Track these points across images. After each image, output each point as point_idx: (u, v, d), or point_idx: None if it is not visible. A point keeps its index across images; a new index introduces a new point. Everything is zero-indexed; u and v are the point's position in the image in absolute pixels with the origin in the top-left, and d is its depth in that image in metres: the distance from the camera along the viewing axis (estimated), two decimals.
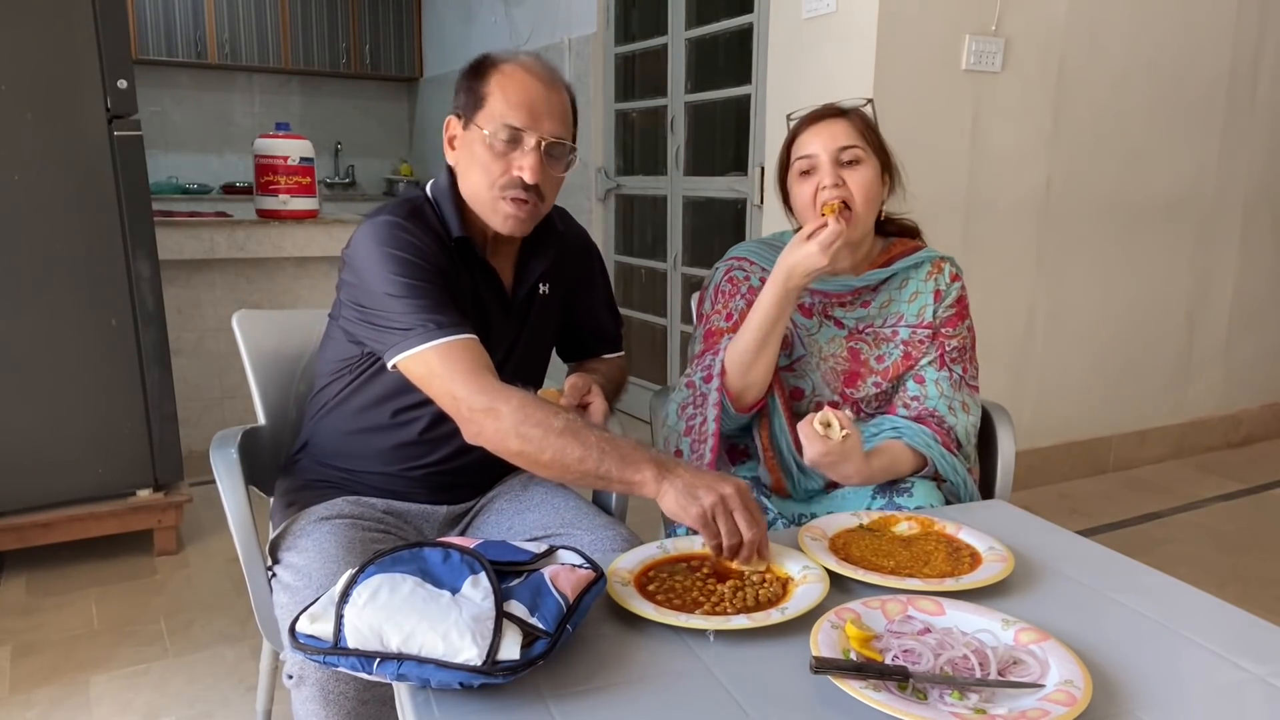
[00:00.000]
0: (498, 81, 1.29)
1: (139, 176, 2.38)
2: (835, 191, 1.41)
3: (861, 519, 1.22)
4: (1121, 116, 3.07)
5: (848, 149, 1.42)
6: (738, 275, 1.52)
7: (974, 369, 1.52)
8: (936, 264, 1.51)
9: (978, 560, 1.11)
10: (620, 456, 1.09)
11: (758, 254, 1.54)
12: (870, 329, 1.50)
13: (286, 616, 1.22)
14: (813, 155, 1.43)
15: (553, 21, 4.42)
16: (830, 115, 1.46)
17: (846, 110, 1.47)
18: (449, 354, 1.19)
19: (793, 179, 1.48)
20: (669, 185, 3.83)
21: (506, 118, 1.27)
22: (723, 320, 1.50)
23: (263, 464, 1.51)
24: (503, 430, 1.13)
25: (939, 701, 0.80)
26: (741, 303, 1.49)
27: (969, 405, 1.49)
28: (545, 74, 1.31)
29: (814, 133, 1.44)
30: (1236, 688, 0.87)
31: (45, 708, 1.87)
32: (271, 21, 5.80)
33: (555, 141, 1.30)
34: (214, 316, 3.35)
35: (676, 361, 3.95)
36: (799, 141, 1.47)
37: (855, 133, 1.44)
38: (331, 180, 6.26)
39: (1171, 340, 3.46)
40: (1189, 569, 2.47)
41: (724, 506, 1.02)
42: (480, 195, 1.32)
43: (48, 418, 2.37)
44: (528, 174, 1.28)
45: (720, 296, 1.52)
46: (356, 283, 1.28)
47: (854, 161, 1.42)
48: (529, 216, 1.33)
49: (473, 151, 1.31)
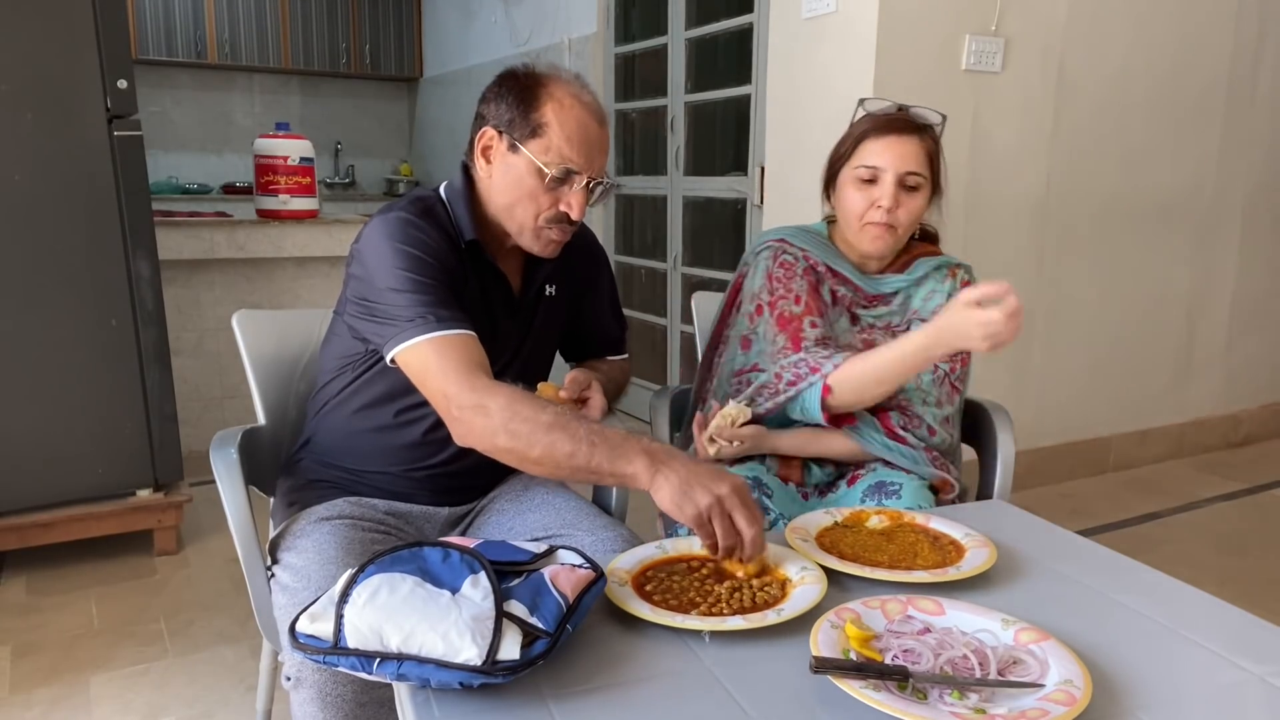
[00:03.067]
0: (555, 112, 1.27)
1: (139, 176, 2.38)
2: (887, 216, 1.43)
3: (835, 516, 1.23)
4: (1121, 116, 3.07)
5: (913, 174, 1.43)
6: (787, 259, 1.52)
7: (962, 371, 1.53)
8: (952, 269, 1.55)
9: (961, 549, 1.12)
10: (611, 448, 1.07)
11: (796, 236, 1.55)
12: (886, 325, 1.54)
13: (285, 617, 1.22)
14: (879, 170, 1.43)
15: (553, 21, 4.42)
16: (906, 130, 1.44)
17: (921, 127, 1.46)
18: (445, 348, 1.18)
19: (848, 176, 1.47)
20: (669, 185, 3.83)
21: (565, 156, 1.27)
22: (793, 305, 1.48)
23: (263, 464, 1.51)
24: (491, 427, 1.12)
25: (939, 701, 0.80)
26: (803, 283, 1.49)
27: (944, 402, 1.51)
28: (597, 109, 1.32)
29: (886, 146, 1.43)
30: (1236, 688, 0.87)
31: (45, 708, 1.87)
32: (271, 21, 5.80)
33: (599, 181, 1.32)
34: (214, 316, 3.35)
35: (677, 362, 3.95)
36: (869, 147, 1.45)
37: (924, 157, 1.44)
38: (331, 180, 6.26)
39: (1171, 340, 3.46)
40: (1189, 569, 2.47)
41: (720, 508, 1.02)
42: (521, 221, 1.32)
43: (48, 418, 2.37)
44: (575, 212, 1.30)
45: (777, 282, 1.51)
46: (363, 275, 1.28)
47: (914, 188, 1.44)
48: (566, 241, 1.37)
49: (519, 177, 1.29)
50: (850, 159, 1.47)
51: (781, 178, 2.96)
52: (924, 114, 1.48)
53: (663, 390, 1.73)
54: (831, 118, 2.74)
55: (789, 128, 2.89)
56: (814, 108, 2.77)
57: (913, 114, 1.47)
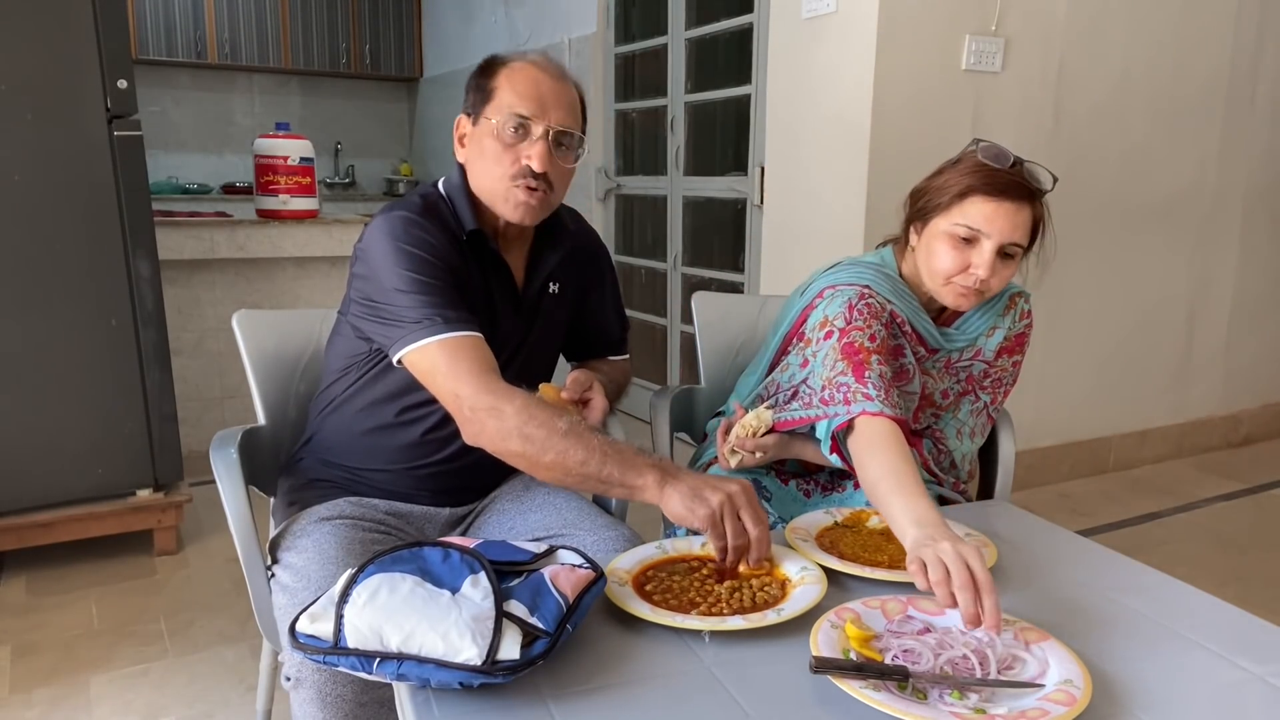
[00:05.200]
0: (506, 75, 1.31)
1: (139, 176, 2.38)
2: (980, 284, 1.32)
3: (835, 516, 1.23)
4: (1121, 116, 3.07)
5: (1014, 245, 1.31)
6: (874, 304, 1.38)
7: (1002, 402, 1.51)
8: (1012, 299, 1.47)
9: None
10: (623, 460, 1.09)
11: (878, 284, 1.41)
12: (946, 363, 1.47)
13: (284, 617, 1.22)
14: (982, 234, 1.30)
15: (553, 21, 4.42)
16: (1021, 197, 1.30)
17: (1034, 192, 1.32)
18: (454, 349, 1.19)
19: (943, 228, 1.33)
20: (669, 185, 3.83)
21: (514, 107, 1.29)
22: (866, 340, 1.33)
23: (263, 464, 1.51)
24: (505, 430, 1.13)
25: (939, 701, 0.80)
26: (881, 328, 1.36)
27: (976, 433, 1.49)
28: (553, 68, 1.33)
29: (998, 211, 1.29)
30: (1236, 688, 0.87)
31: (45, 708, 1.87)
32: (271, 21, 5.80)
33: (563, 131, 1.31)
34: (214, 316, 3.34)
35: (677, 362, 3.95)
36: (976, 206, 1.29)
37: (1028, 227, 1.32)
38: (331, 180, 6.26)
39: (1171, 340, 3.46)
40: (1189, 569, 2.47)
41: (731, 505, 1.03)
42: (491, 186, 1.32)
43: (48, 418, 2.37)
44: (536, 162, 1.29)
45: (856, 314, 1.36)
46: (367, 275, 1.28)
47: (1010, 256, 1.32)
48: (540, 205, 1.33)
49: (482, 145, 1.32)
50: (949, 210, 1.32)
51: (781, 178, 2.96)
52: (1039, 174, 1.34)
53: (663, 390, 1.73)
54: (832, 117, 2.74)
55: (789, 128, 2.89)
56: (814, 108, 2.77)
57: (1027, 173, 1.33)
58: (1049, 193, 1.35)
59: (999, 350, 1.47)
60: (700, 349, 1.82)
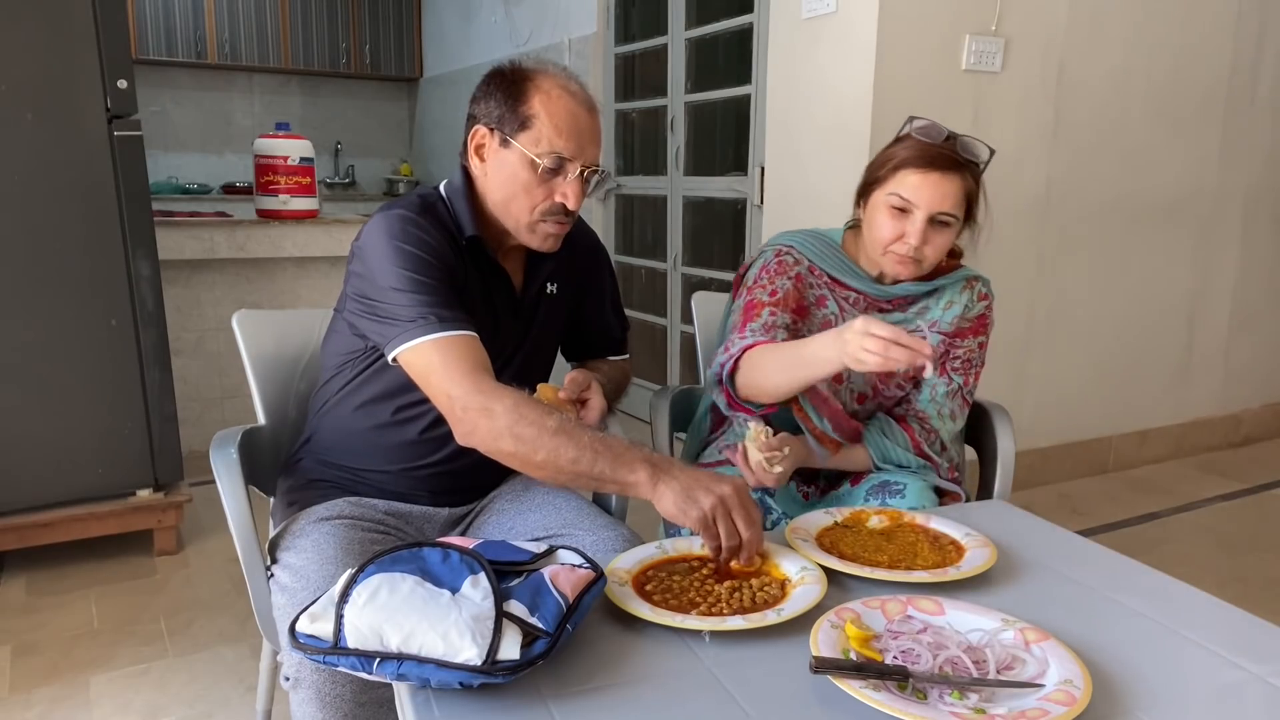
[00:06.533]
0: (542, 104, 1.28)
1: (139, 176, 2.38)
2: (913, 251, 1.41)
3: (835, 516, 1.23)
4: (1121, 116, 3.07)
5: (945, 214, 1.39)
6: (787, 260, 1.52)
7: (974, 385, 1.55)
8: (969, 281, 1.54)
9: (961, 549, 1.13)
10: (614, 457, 1.08)
11: (805, 245, 1.54)
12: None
13: (284, 617, 1.22)
14: (912, 204, 1.39)
15: (553, 21, 4.42)
16: (948, 168, 1.38)
17: (964, 164, 1.40)
18: (449, 349, 1.19)
19: (881, 199, 1.43)
20: (669, 185, 3.83)
21: (555, 145, 1.27)
22: (765, 295, 1.48)
23: (263, 464, 1.51)
24: (496, 430, 1.13)
25: (939, 701, 0.80)
26: (787, 283, 1.49)
27: (956, 415, 1.52)
28: (585, 98, 1.32)
29: (924, 182, 1.38)
30: (1236, 688, 0.87)
31: (45, 708, 1.87)
32: (271, 21, 5.80)
33: (594, 170, 1.32)
34: (214, 316, 3.34)
35: (677, 362, 3.95)
36: (907, 178, 1.39)
37: (961, 197, 1.40)
38: (331, 180, 6.26)
39: (1171, 340, 3.46)
40: (1189, 569, 2.47)
41: (723, 507, 1.02)
42: (518, 215, 1.32)
43: (48, 418, 2.37)
44: (571, 201, 1.30)
45: (767, 273, 1.51)
46: (364, 273, 1.28)
47: (943, 224, 1.40)
48: (564, 234, 1.36)
49: (514, 172, 1.30)
50: (885, 183, 1.42)
51: (781, 178, 2.96)
52: (973, 147, 1.41)
53: (663, 390, 1.73)
54: (832, 117, 2.74)
55: (789, 128, 2.89)
56: (814, 108, 2.77)
57: (960, 146, 1.40)
58: (985, 165, 1.43)
59: (957, 328, 1.52)
60: (700, 349, 1.82)
